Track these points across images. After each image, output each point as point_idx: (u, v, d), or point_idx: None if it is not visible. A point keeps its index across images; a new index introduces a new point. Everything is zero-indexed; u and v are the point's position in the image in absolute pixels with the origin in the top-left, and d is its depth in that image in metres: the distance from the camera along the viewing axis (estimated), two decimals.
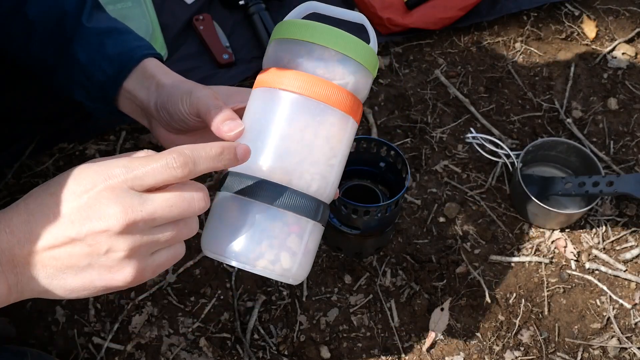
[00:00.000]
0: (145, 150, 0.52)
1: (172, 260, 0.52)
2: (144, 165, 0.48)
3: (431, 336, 0.92)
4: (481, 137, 1.04)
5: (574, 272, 0.99)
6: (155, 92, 0.66)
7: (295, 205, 0.55)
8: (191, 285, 0.95)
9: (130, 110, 0.71)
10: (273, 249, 0.55)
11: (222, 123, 0.57)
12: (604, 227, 1.04)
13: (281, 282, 0.96)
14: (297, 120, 0.55)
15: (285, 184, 0.55)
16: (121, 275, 0.49)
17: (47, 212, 0.49)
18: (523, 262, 0.99)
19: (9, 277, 0.49)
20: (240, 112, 0.61)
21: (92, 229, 0.47)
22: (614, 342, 0.93)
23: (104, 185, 0.48)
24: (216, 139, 0.58)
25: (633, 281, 0.98)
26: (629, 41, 1.28)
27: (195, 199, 0.50)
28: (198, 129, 0.65)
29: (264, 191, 0.54)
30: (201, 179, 1.05)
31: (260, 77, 0.58)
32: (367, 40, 0.58)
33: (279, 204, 0.54)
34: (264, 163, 0.55)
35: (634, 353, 0.92)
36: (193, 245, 0.99)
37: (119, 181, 0.48)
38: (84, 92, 0.72)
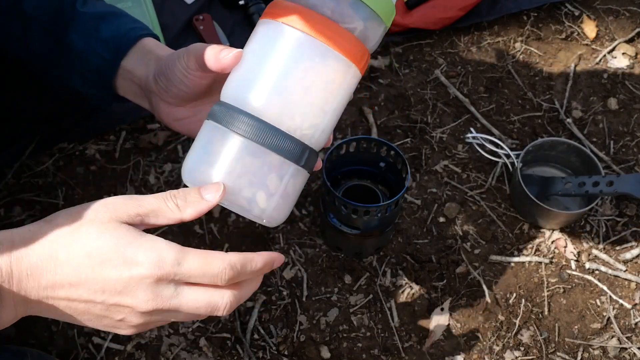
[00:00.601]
0: (174, 199, 0.52)
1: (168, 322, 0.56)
2: (197, 268, 0.49)
3: (431, 336, 0.92)
4: (481, 137, 1.04)
5: (574, 272, 0.99)
6: (154, 65, 0.66)
7: (280, 146, 0.53)
8: None
9: (129, 91, 0.70)
10: (252, 186, 0.53)
11: (219, 52, 0.56)
12: (604, 227, 1.04)
13: (281, 282, 0.96)
14: (295, 59, 0.53)
15: (274, 123, 0.53)
16: (123, 332, 0.52)
17: (78, 271, 0.49)
18: (523, 262, 0.99)
19: (18, 310, 0.50)
20: None
21: (119, 302, 0.49)
22: (614, 342, 0.93)
23: (151, 273, 0.48)
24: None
25: (633, 281, 0.98)
26: (629, 41, 1.28)
27: (219, 308, 0.51)
28: (197, 94, 0.64)
29: (250, 127, 0.52)
30: None
31: (268, 8, 0.56)
32: None
33: (264, 143, 0.52)
34: (256, 98, 0.53)
35: (634, 353, 0.92)
36: (193, 245, 0.99)
37: (166, 273, 0.49)
38: (80, 79, 0.71)
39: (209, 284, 0.51)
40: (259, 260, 0.52)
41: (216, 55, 0.57)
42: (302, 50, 0.53)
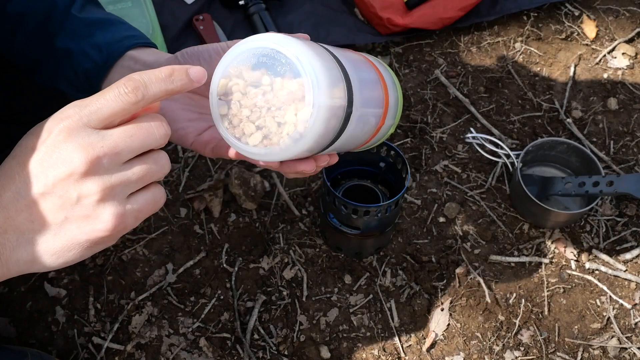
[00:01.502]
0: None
1: (152, 205, 0.50)
2: (97, 99, 0.47)
3: (431, 336, 0.92)
4: (481, 137, 1.04)
5: (574, 272, 0.99)
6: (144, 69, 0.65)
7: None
8: (191, 285, 0.95)
9: None
10: (315, 51, 0.50)
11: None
12: (604, 227, 1.04)
13: (281, 282, 0.96)
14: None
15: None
16: (100, 222, 0.47)
17: (11, 175, 0.47)
18: (523, 262, 0.99)
19: None
20: None
21: (56, 176, 0.46)
22: (614, 342, 0.93)
23: (58, 129, 0.46)
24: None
25: (633, 281, 0.98)
26: (629, 41, 1.27)
27: (153, 126, 0.48)
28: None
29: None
30: (201, 179, 1.05)
31: None
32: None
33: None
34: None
35: (634, 353, 0.92)
36: (193, 245, 0.99)
37: (74, 120, 0.46)
38: (67, 82, 0.71)
39: (126, 110, 0.47)
40: (164, 67, 0.49)
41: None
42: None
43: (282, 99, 0.49)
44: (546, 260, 1.00)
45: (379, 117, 0.58)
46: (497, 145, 1.05)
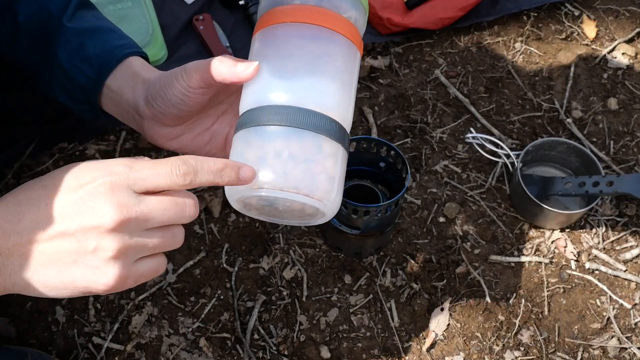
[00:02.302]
0: (146, 158, 0.51)
1: (153, 273, 0.51)
2: (149, 168, 0.48)
3: (431, 336, 0.92)
4: (481, 137, 1.04)
5: (574, 272, 0.99)
6: (142, 88, 0.64)
7: (325, 127, 0.53)
8: (191, 285, 0.95)
9: (116, 111, 0.69)
10: (309, 171, 0.52)
11: (235, 66, 0.55)
12: (604, 227, 1.04)
13: (281, 282, 0.96)
14: (311, 49, 0.55)
15: (310, 102, 0.53)
16: (104, 277, 0.48)
17: (37, 204, 0.47)
18: (523, 262, 0.99)
19: None
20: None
21: (83, 224, 0.46)
22: (614, 342, 0.93)
23: (103, 180, 0.47)
24: (208, 121, 0.58)
25: (633, 281, 0.98)
26: (629, 41, 1.27)
27: (187, 204, 0.49)
28: (195, 112, 0.64)
29: (284, 114, 0.52)
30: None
31: (262, 19, 0.57)
32: None
33: (303, 124, 0.52)
34: (280, 90, 0.53)
35: (634, 353, 0.92)
36: (193, 245, 0.99)
37: (120, 179, 0.47)
38: (66, 95, 0.70)
39: (170, 188, 0.49)
40: (217, 160, 0.50)
41: (231, 69, 0.56)
42: (316, 40, 0.55)
43: (298, 207, 0.54)
44: (546, 260, 1.00)
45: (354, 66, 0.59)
46: (497, 145, 1.05)
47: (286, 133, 0.52)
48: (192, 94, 0.61)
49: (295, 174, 0.51)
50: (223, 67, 0.56)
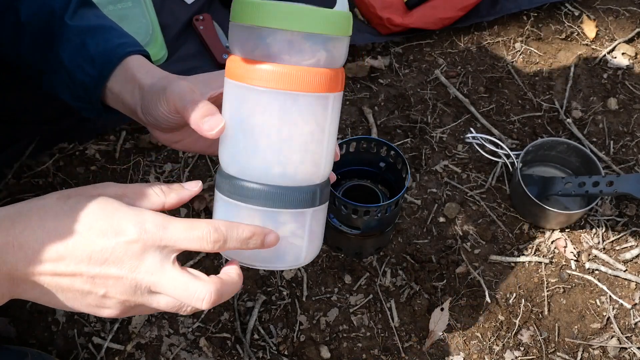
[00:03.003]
0: (159, 186, 0.53)
1: (149, 312, 0.53)
2: (181, 231, 0.49)
3: (431, 336, 0.92)
4: (481, 137, 1.04)
5: (574, 272, 0.99)
6: (139, 95, 0.65)
7: (294, 201, 0.54)
8: None
9: (121, 109, 0.69)
10: (274, 248, 0.54)
11: (202, 120, 0.55)
12: (604, 227, 1.04)
13: (281, 282, 0.96)
14: (273, 115, 0.52)
15: (281, 180, 0.53)
16: (106, 313, 0.51)
17: (65, 239, 0.48)
18: (523, 262, 0.99)
19: (2, 285, 0.48)
20: (220, 98, 0.60)
21: (105, 272, 0.48)
22: (614, 342, 0.93)
23: (136, 238, 0.48)
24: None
25: (633, 281, 0.98)
26: (629, 41, 1.28)
27: (195, 298, 0.50)
28: (186, 125, 0.64)
29: (258, 196, 0.53)
30: (201, 177, 1.05)
31: (229, 65, 0.55)
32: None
33: (277, 206, 0.53)
34: (253, 167, 0.53)
35: (634, 353, 0.92)
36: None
37: (152, 239, 0.48)
38: (68, 93, 0.70)
39: (199, 251, 0.50)
40: (246, 228, 0.51)
41: (198, 123, 0.55)
42: (276, 105, 0.52)
43: None
44: (546, 260, 1.00)
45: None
46: (497, 145, 1.05)
47: (250, 214, 0.54)
48: (174, 118, 0.61)
49: (262, 252, 0.54)
50: (193, 115, 0.56)
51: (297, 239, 0.56)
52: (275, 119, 0.52)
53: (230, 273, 0.53)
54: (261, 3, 0.50)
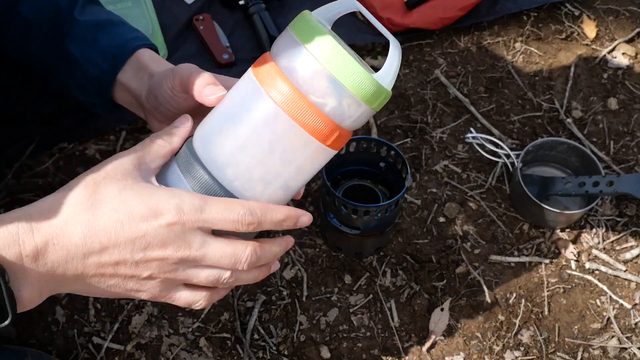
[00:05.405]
0: (159, 137, 0.55)
1: (185, 304, 0.55)
2: (217, 211, 0.51)
3: (431, 336, 0.92)
4: (481, 137, 1.04)
5: (574, 272, 0.99)
6: (147, 82, 0.66)
7: None
8: None
9: (127, 102, 0.70)
10: None
11: (204, 87, 0.57)
12: (604, 227, 1.04)
13: (281, 282, 0.96)
14: (263, 130, 0.52)
15: (235, 186, 0.54)
16: (142, 295, 0.52)
17: (107, 230, 0.49)
18: (523, 262, 0.99)
19: (43, 286, 0.49)
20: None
21: (148, 256, 0.50)
22: (614, 342, 0.93)
23: (175, 219, 0.49)
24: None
25: (633, 281, 0.98)
26: (629, 41, 1.28)
27: (241, 260, 0.52)
28: (184, 111, 0.65)
29: (202, 186, 0.54)
30: None
31: (260, 59, 0.54)
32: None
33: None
34: (216, 156, 0.53)
35: (634, 353, 0.92)
36: None
37: (190, 219, 0.50)
38: (80, 88, 0.71)
39: (231, 232, 0.52)
40: (280, 211, 0.53)
41: (200, 88, 0.57)
42: (271, 122, 0.52)
43: None
44: (546, 260, 1.00)
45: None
46: (497, 145, 1.05)
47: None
48: (177, 97, 0.62)
49: None
50: (197, 82, 0.57)
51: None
52: (261, 128, 0.52)
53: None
54: (316, 27, 0.51)
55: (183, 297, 0.54)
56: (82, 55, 0.68)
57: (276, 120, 0.52)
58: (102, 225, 0.49)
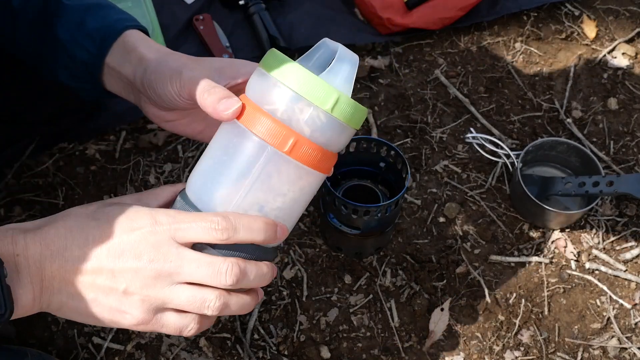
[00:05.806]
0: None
1: (175, 331, 0.54)
2: (190, 220, 0.51)
3: (431, 336, 0.92)
4: (481, 137, 1.04)
5: (574, 272, 0.99)
6: (139, 66, 0.64)
7: (238, 252, 0.55)
8: None
9: (117, 88, 0.69)
10: None
11: (219, 102, 0.55)
12: (604, 227, 1.04)
13: (281, 282, 0.96)
14: (253, 166, 0.53)
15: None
16: (127, 317, 0.51)
17: (86, 236, 0.51)
18: (523, 262, 0.99)
19: (35, 287, 0.50)
20: (234, 89, 0.60)
21: (123, 265, 0.50)
22: (614, 342, 0.93)
23: (150, 229, 0.50)
24: (203, 112, 0.58)
25: (633, 281, 0.98)
26: (629, 41, 1.28)
27: (224, 272, 0.51)
28: (188, 109, 0.64)
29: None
30: None
31: (242, 98, 0.56)
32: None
33: (225, 254, 0.54)
34: (212, 201, 0.54)
35: (634, 353, 0.92)
36: None
37: (164, 228, 0.51)
38: (68, 73, 0.70)
39: (209, 241, 0.52)
40: (257, 218, 0.53)
41: (214, 104, 0.55)
42: (258, 157, 0.53)
43: None
44: (546, 260, 1.00)
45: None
46: (497, 145, 1.05)
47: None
48: (182, 102, 0.61)
49: None
50: (210, 98, 0.56)
51: None
52: (256, 169, 0.53)
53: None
54: (281, 58, 0.53)
55: (172, 322, 0.53)
56: (71, 39, 0.68)
57: (270, 157, 0.53)
58: (85, 235, 0.51)
